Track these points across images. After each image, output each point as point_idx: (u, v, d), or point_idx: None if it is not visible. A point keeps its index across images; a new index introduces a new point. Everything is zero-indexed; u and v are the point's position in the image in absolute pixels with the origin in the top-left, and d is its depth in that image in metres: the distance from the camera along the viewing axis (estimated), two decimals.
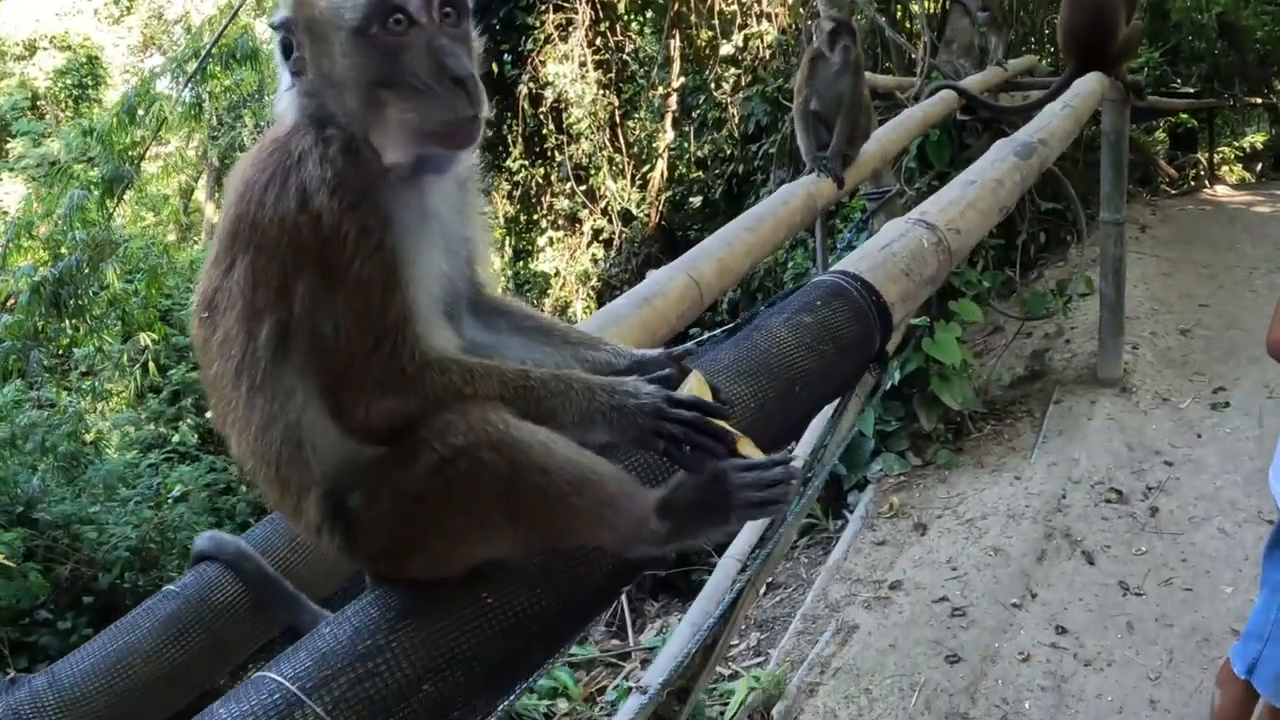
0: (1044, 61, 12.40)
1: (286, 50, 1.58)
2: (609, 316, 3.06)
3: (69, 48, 22.35)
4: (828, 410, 5.81)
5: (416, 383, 1.49)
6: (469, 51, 1.59)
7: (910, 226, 2.75)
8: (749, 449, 1.63)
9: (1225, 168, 17.30)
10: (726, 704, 5.82)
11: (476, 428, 1.46)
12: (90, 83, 22.01)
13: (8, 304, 10.64)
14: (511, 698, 1.61)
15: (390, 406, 1.49)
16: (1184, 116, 16.00)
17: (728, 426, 1.62)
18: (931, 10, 11.99)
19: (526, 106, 14.38)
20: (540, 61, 14.08)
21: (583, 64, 14.06)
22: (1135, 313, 8.96)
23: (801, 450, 5.80)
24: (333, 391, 1.51)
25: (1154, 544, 6.12)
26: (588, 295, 14.20)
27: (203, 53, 10.44)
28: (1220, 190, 14.95)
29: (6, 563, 6.94)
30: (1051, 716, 4.94)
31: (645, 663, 7.05)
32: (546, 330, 1.87)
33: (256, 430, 1.54)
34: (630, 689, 5.60)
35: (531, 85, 14.23)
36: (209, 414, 1.76)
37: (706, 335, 2.68)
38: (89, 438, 12.02)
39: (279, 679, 1.36)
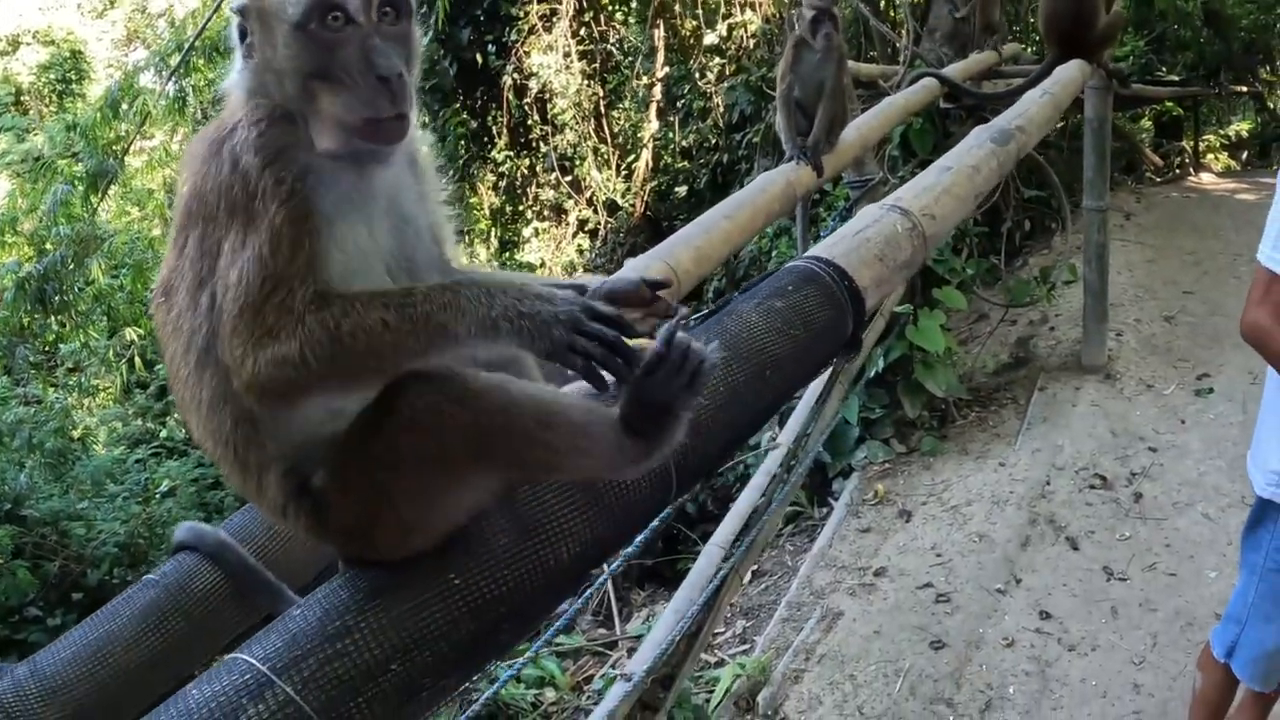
0: (1028, 49, 12.43)
1: (242, 34, 1.62)
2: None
3: (52, 42, 22.25)
4: (811, 398, 5.87)
5: (300, 322, 1.44)
6: (407, 51, 1.62)
7: (885, 212, 2.76)
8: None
9: (1210, 155, 17.38)
10: (712, 691, 5.85)
11: (434, 384, 1.47)
12: (74, 77, 21.91)
13: None
14: (494, 689, 1.61)
15: (277, 353, 1.43)
16: (1169, 104, 16.05)
17: (643, 343, 1.60)
18: None
19: (511, 97, 14.36)
20: (524, 52, 14.05)
21: (567, 54, 14.05)
22: (1119, 299, 9.00)
23: (785, 438, 5.85)
24: (228, 342, 1.47)
25: (1138, 529, 6.16)
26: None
27: (185, 46, 10.40)
28: (1205, 178, 14.99)
29: None
30: (1035, 701, 4.98)
31: (632, 651, 7.05)
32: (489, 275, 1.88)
33: (208, 409, 1.55)
34: (615, 677, 5.62)
35: (516, 76, 14.21)
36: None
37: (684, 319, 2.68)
38: (76, 434, 12.00)
39: (250, 660, 1.37)
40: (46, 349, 12.30)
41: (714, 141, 13.52)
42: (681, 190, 14.18)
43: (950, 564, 6.08)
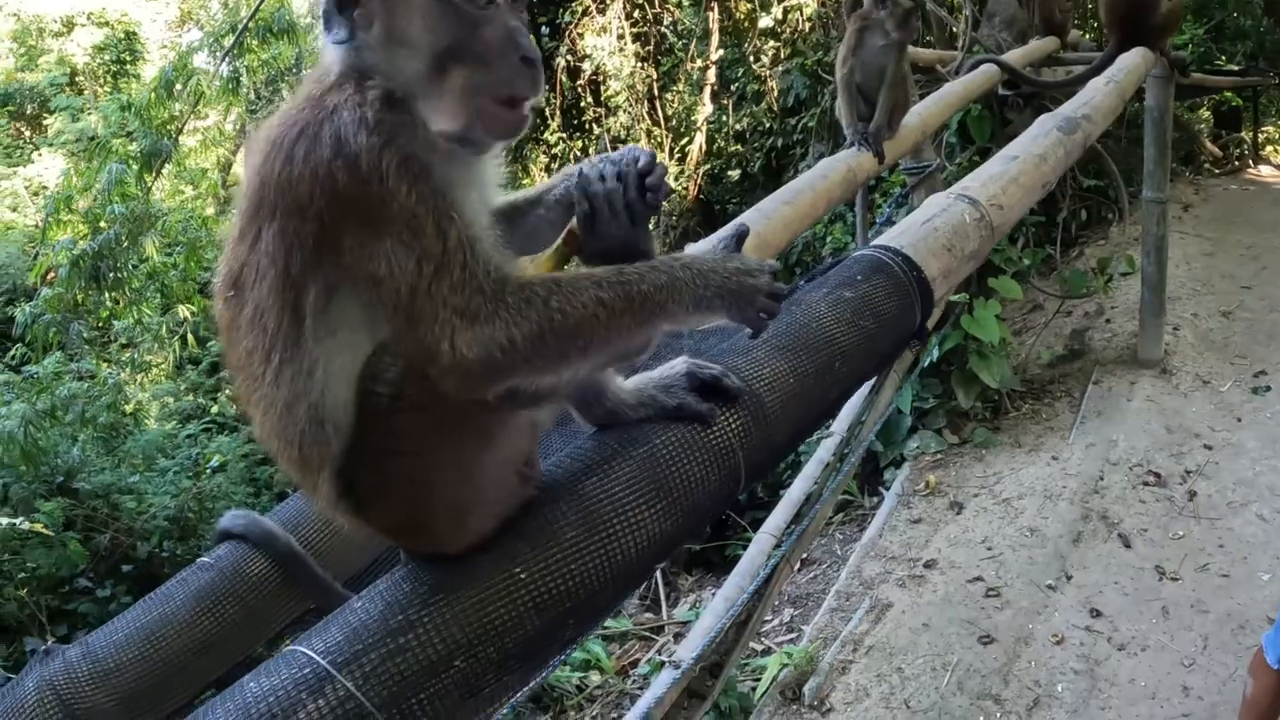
0: (1086, 36, 12.20)
1: (343, 5, 1.53)
2: None
3: (107, 24, 22.46)
4: (865, 387, 5.80)
5: (500, 302, 1.41)
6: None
7: (952, 201, 2.71)
8: None
9: (1270, 147, 16.96)
10: (758, 680, 5.83)
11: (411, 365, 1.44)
12: (128, 58, 22.10)
13: (48, 277, 10.76)
14: (544, 674, 1.58)
15: (480, 335, 1.40)
16: (1228, 94, 15.68)
17: None
18: None
19: (564, 79, 14.34)
20: (578, 34, 14.03)
21: (620, 36, 14.00)
22: (1176, 293, 8.83)
23: (839, 426, 5.79)
24: (408, 335, 1.42)
25: (1191, 528, 6.05)
26: None
27: (239, 27, 10.47)
28: (1264, 170, 14.65)
29: (44, 531, 7.03)
30: (1084, 701, 4.91)
31: (678, 636, 7.06)
32: None
33: (282, 408, 1.50)
34: (663, 663, 5.61)
35: (569, 58, 14.18)
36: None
37: None
38: (128, 409, 12.13)
39: (310, 653, 1.35)
40: (100, 325, 12.43)
41: (768, 125, 13.41)
42: (735, 174, 14.09)
43: (1001, 558, 6.00)
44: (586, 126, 14.90)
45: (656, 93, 14.46)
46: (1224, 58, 15.60)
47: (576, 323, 1.43)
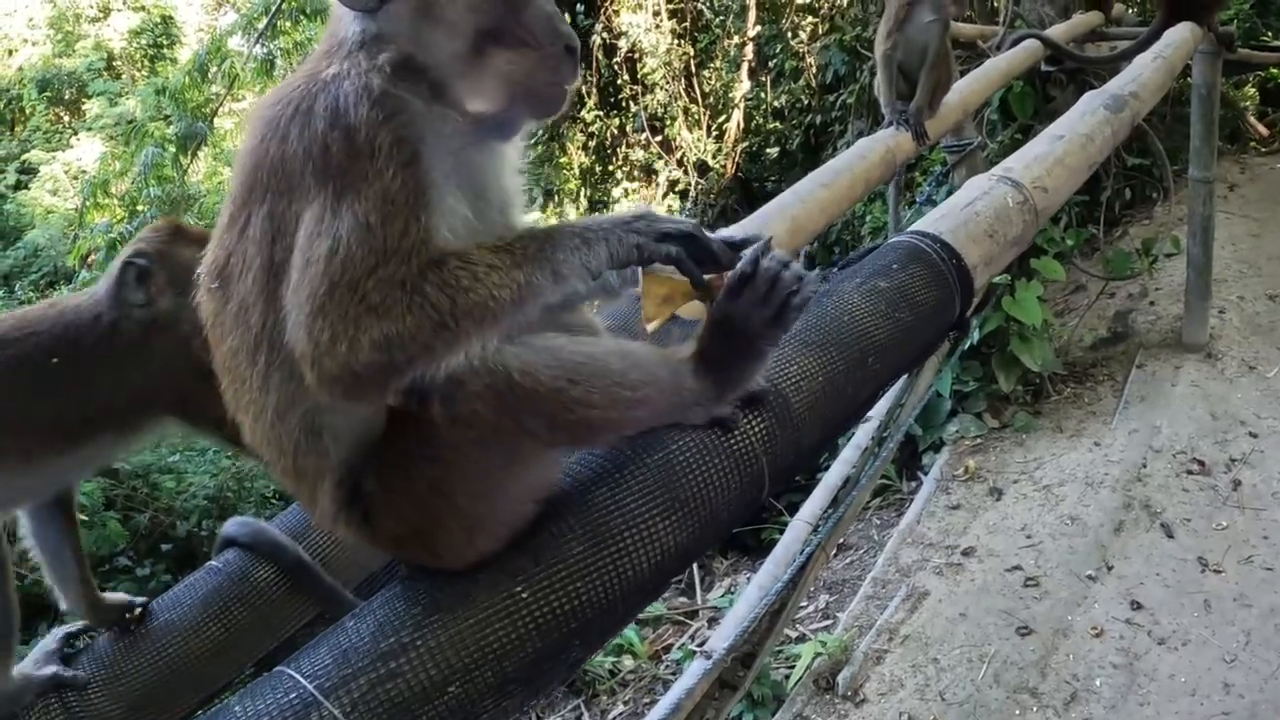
0: (1131, 10, 11.92)
1: None
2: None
3: (143, 8, 22.59)
4: None
5: (416, 292, 1.31)
6: None
7: (994, 184, 2.61)
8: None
9: None
10: (792, 668, 5.76)
11: (464, 364, 1.35)
12: (165, 42, 22.21)
13: (88, 260, 10.84)
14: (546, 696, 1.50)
15: (382, 332, 1.30)
16: (1274, 71, 15.32)
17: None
18: None
19: (600, 57, 14.24)
20: (614, 11, 13.93)
21: (656, 13, 13.89)
22: (1222, 275, 8.60)
23: (877, 411, 5.70)
24: (309, 324, 1.31)
25: (1235, 519, 5.89)
26: None
27: (272, 9, 10.47)
28: None
29: (79, 515, 7.09)
30: (1122, 696, 4.81)
31: (713, 621, 7.03)
32: None
33: (273, 415, 1.41)
34: (695, 652, 5.57)
35: (605, 35, 14.09)
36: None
37: None
38: None
39: (297, 676, 1.29)
40: None
41: (806, 102, 13.25)
42: (773, 151, 13.94)
43: (1040, 546, 5.89)
44: (623, 104, 14.80)
45: (694, 70, 14.32)
46: (1270, 33, 15.24)
47: (471, 304, 1.34)
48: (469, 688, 1.32)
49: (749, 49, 13.93)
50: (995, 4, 9.82)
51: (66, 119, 21.60)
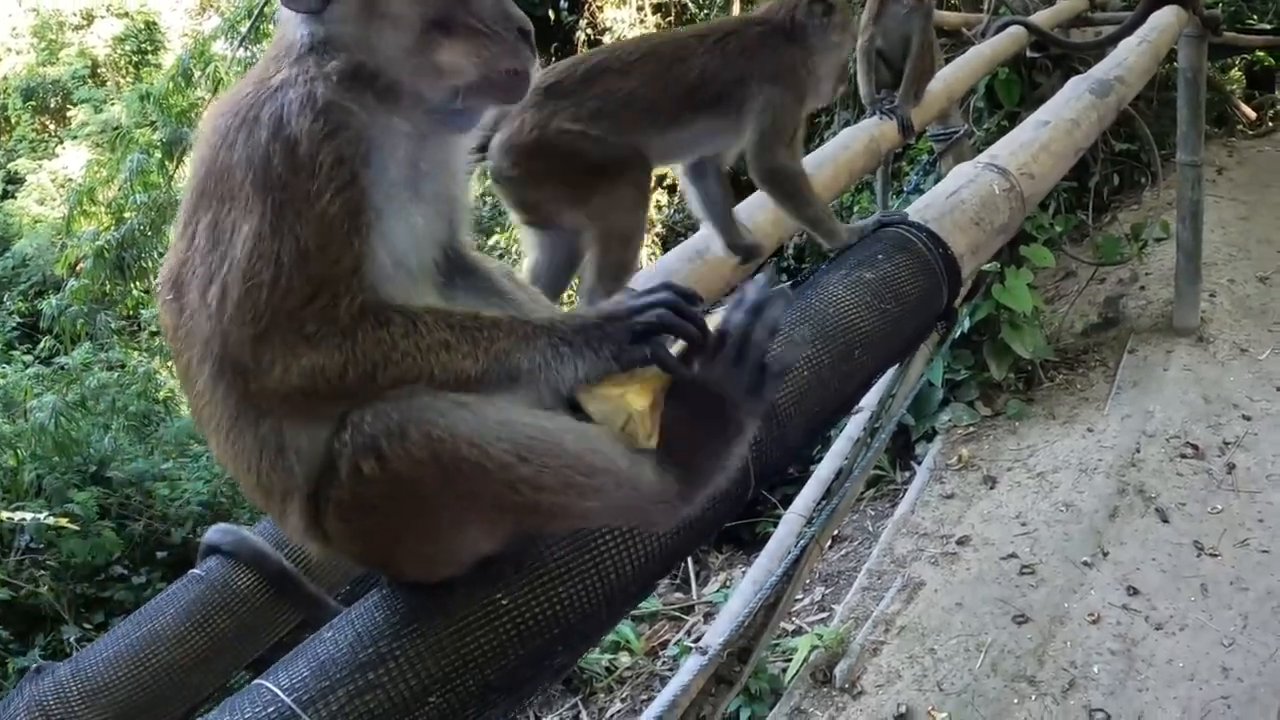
0: None
1: None
2: (658, 272, 2.94)
3: (126, 14, 22.52)
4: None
5: (348, 335, 1.28)
6: None
7: (980, 171, 2.59)
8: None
9: None
10: (789, 661, 5.75)
11: (406, 418, 1.27)
12: (149, 48, 22.17)
13: (76, 269, 10.82)
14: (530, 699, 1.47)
15: (311, 363, 1.28)
16: (1260, 54, 15.34)
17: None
18: None
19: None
20: (597, 6, 13.89)
21: (640, 8, 13.85)
22: (1212, 258, 8.60)
23: (869, 401, 5.69)
24: (249, 345, 1.29)
25: (1230, 502, 5.90)
26: (652, 241, 14.05)
27: (254, 12, 10.43)
28: None
29: (69, 525, 7.08)
30: (1120, 682, 4.81)
31: (709, 616, 7.01)
32: (506, 296, 1.67)
33: (229, 429, 1.37)
34: (691, 648, 5.55)
35: (589, 31, 14.04)
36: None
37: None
38: (160, 396, 12.20)
39: (274, 689, 1.27)
40: (128, 315, 12.50)
41: None
42: None
43: (1035, 534, 5.88)
44: None
45: None
46: (1255, 16, 15.26)
47: (412, 365, 1.30)
48: (450, 697, 1.30)
49: None
50: None
51: (52, 127, 21.53)
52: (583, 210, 2.47)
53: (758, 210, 3.25)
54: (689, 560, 8.01)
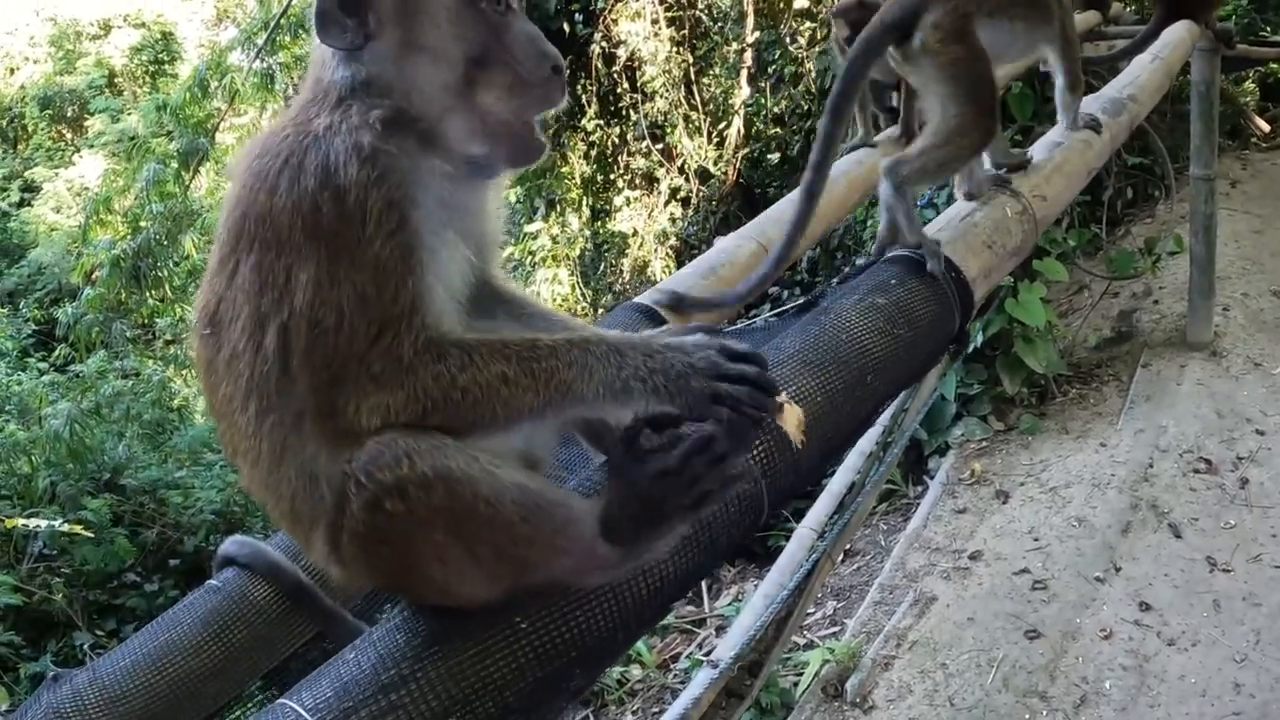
0: (1129, 9, 11.91)
1: (344, 6, 1.42)
2: (672, 287, 2.95)
3: (143, 25, 22.71)
4: None
5: (410, 372, 1.34)
6: None
7: (993, 194, 2.61)
8: (792, 423, 1.45)
9: None
10: (800, 675, 5.75)
11: (405, 458, 1.31)
12: (165, 58, 22.37)
13: (91, 277, 10.89)
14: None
15: (380, 401, 1.34)
16: (1274, 66, 15.29)
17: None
18: None
19: (600, 66, 14.20)
20: (612, 20, 13.90)
21: (655, 21, 13.86)
22: (1226, 272, 8.58)
23: (882, 415, 5.69)
24: (326, 389, 1.35)
25: (1243, 517, 5.88)
26: (666, 254, 14.07)
27: (271, 24, 10.49)
28: None
29: (83, 532, 7.13)
30: (1132, 698, 4.80)
31: (720, 629, 7.01)
32: (546, 317, 1.71)
33: (269, 464, 1.41)
34: (701, 661, 5.56)
35: (604, 44, 14.06)
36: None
37: (775, 311, 2.54)
38: (174, 404, 12.26)
39: (299, 709, 1.29)
40: (143, 323, 12.57)
41: (806, 108, 13.21)
42: (774, 157, 13.90)
43: (1048, 549, 5.88)
44: (624, 113, 14.76)
45: (693, 77, 14.27)
46: (1269, 28, 15.22)
47: (474, 403, 1.35)
48: (470, 719, 1.32)
49: (748, 55, 13.90)
50: None
51: (69, 136, 21.72)
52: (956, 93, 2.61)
53: (771, 225, 3.26)
54: None
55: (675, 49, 14.17)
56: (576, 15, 13.98)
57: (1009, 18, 2.82)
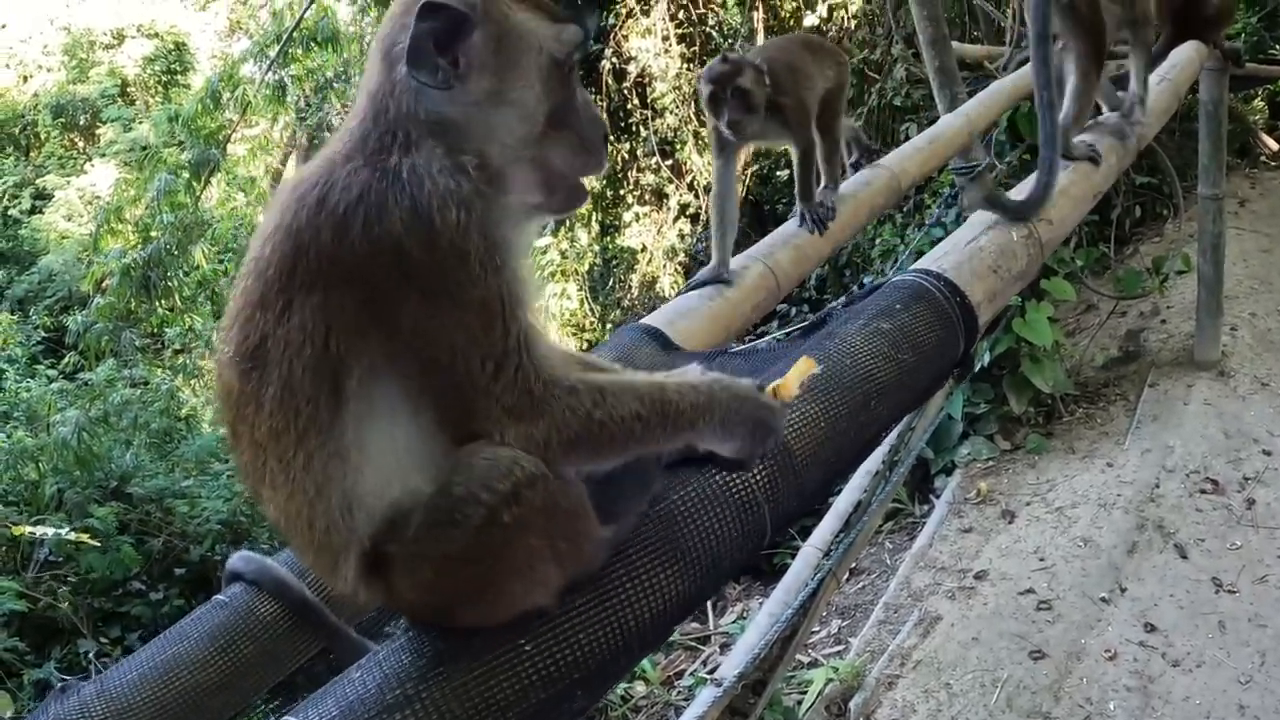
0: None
1: (438, 43, 1.42)
2: (679, 309, 2.97)
3: (156, 35, 22.83)
4: None
5: (545, 405, 1.42)
6: None
7: (999, 218, 2.62)
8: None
9: None
10: (804, 693, 5.75)
11: (515, 464, 1.39)
12: (178, 68, 22.48)
13: (101, 285, 10.94)
14: None
15: (522, 433, 1.41)
16: None
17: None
18: None
19: (610, 82, 14.25)
20: (623, 36, 13.95)
21: (665, 38, 13.90)
22: (1234, 292, 8.58)
23: (888, 434, 5.69)
24: (462, 424, 1.42)
25: (1249, 538, 5.87)
26: (675, 270, 14.09)
27: (284, 37, 10.56)
28: None
29: (90, 541, 7.15)
30: (1136, 719, 4.78)
31: (725, 647, 7.00)
32: (595, 364, 1.80)
33: (312, 494, 1.42)
34: (705, 679, 5.55)
35: (614, 60, 14.10)
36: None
37: (784, 331, 2.55)
38: (182, 414, 12.29)
39: None
40: (153, 333, 12.61)
41: None
42: (783, 174, 13.92)
43: (1053, 569, 5.87)
44: (634, 129, 14.80)
45: None
46: (1278, 46, 15.20)
47: (612, 434, 1.45)
48: None
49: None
50: (1001, 24, 9.83)
51: (81, 145, 21.81)
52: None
53: (779, 247, 3.28)
54: None
55: (685, 65, 14.21)
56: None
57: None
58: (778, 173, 13.99)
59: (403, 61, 1.43)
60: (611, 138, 14.44)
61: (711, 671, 6.13)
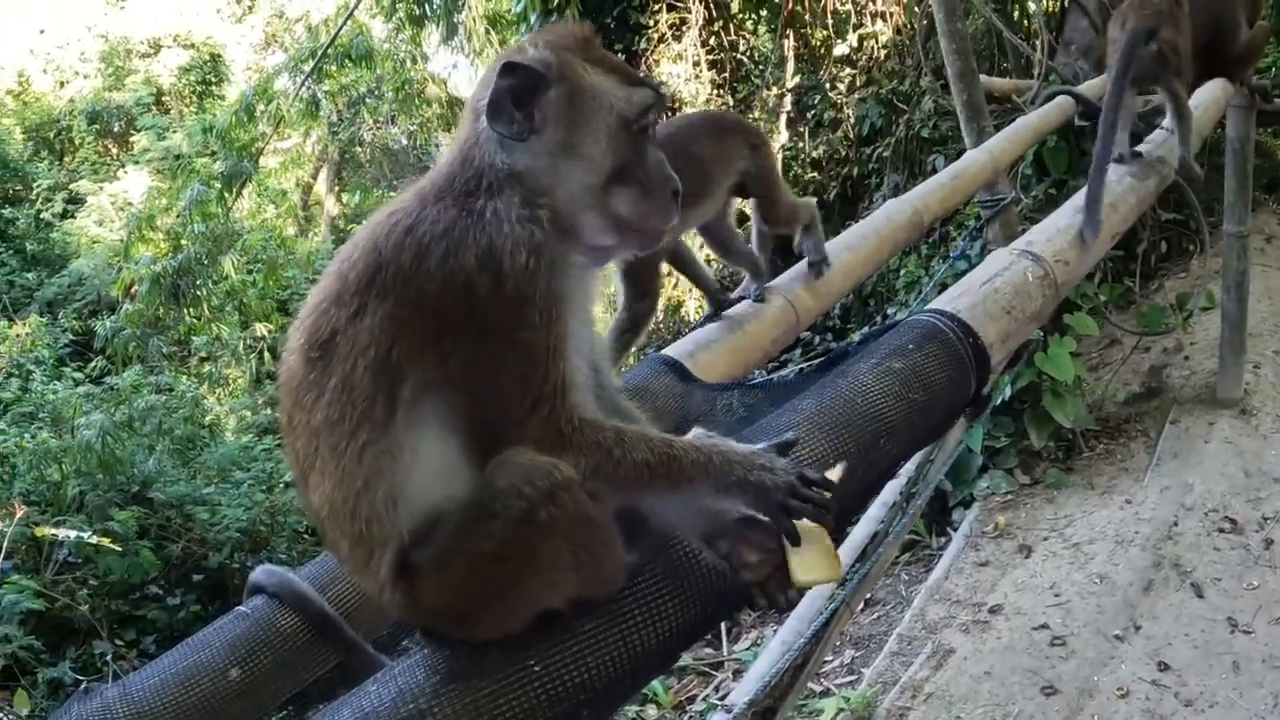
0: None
1: (517, 99, 1.57)
2: (699, 341, 3.01)
3: (192, 46, 23.10)
4: None
5: (573, 441, 1.51)
6: None
7: (1015, 259, 2.65)
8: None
9: None
10: None
11: (557, 471, 1.48)
12: (213, 79, 22.73)
13: (131, 291, 11.06)
14: None
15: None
16: None
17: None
18: (1050, 9, 11.59)
19: None
20: (654, 61, 14.02)
21: (696, 64, 13.96)
22: (1258, 329, 8.52)
23: (906, 466, 5.68)
24: (495, 449, 1.51)
25: (1266, 578, 5.84)
26: (700, 296, 14.11)
27: (319, 53, 10.68)
28: None
29: (110, 544, 7.22)
30: None
31: (738, 673, 6.99)
32: (628, 414, 1.86)
33: (360, 485, 1.52)
34: (716, 706, 5.56)
35: None
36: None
37: (797, 368, 2.59)
38: (206, 421, 12.38)
39: None
40: (179, 340, 12.73)
41: (844, 154, 13.25)
42: (811, 202, 13.97)
43: (1068, 605, 5.85)
44: None
45: None
46: None
47: (623, 476, 1.53)
48: None
49: (788, 100, 13.97)
50: (1030, 58, 9.84)
51: (114, 151, 22.04)
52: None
53: (799, 282, 3.31)
54: None
55: (716, 91, 14.25)
56: (619, 55, 14.07)
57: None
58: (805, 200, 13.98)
59: (484, 114, 1.59)
60: None
61: (723, 697, 6.13)
